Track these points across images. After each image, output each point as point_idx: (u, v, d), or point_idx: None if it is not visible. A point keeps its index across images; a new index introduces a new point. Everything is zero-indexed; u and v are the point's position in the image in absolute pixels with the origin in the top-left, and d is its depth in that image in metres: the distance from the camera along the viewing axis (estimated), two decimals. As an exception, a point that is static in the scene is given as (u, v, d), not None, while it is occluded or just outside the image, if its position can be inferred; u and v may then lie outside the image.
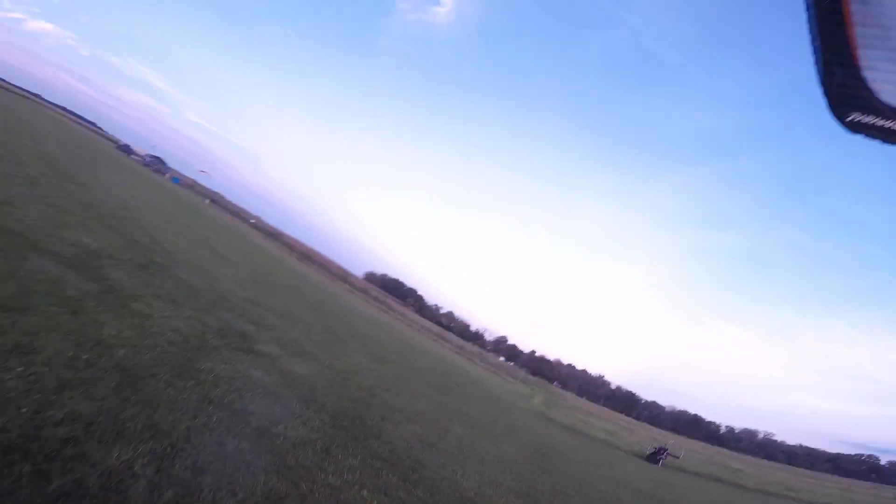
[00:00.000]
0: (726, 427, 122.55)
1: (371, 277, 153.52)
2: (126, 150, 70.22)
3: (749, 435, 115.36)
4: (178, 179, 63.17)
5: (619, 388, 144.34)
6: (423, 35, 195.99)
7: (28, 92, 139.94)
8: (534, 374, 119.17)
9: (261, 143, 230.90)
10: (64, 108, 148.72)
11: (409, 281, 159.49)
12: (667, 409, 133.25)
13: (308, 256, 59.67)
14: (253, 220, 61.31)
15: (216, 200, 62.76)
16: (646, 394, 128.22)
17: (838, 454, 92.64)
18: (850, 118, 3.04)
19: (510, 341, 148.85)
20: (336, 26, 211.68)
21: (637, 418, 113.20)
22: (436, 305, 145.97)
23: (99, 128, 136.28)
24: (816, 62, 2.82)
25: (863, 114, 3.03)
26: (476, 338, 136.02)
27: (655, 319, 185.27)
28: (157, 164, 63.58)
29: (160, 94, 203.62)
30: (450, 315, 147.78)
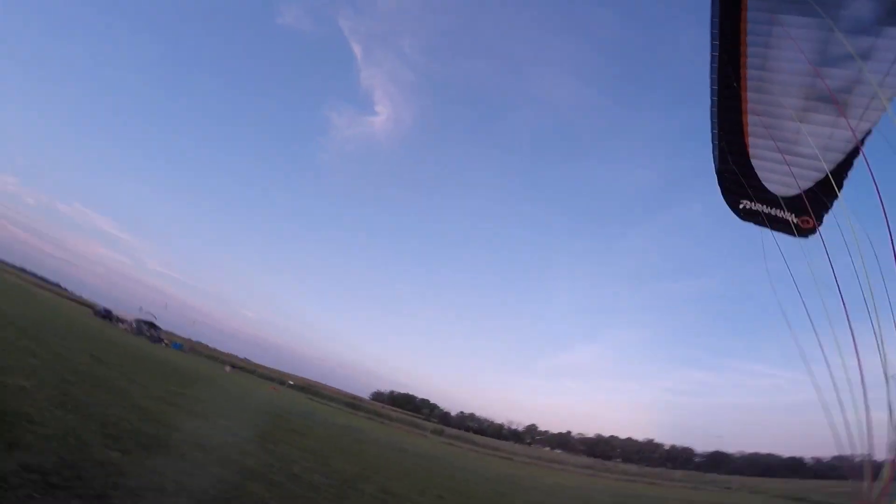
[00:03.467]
0: (811, 459, 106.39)
1: (379, 396, 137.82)
2: (107, 315, 56.21)
3: (843, 461, 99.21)
4: (179, 345, 49.36)
5: (673, 447, 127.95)
6: (364, 147, 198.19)
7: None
8: (590, 455, 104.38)
9: (225, 285, 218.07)
10: (23, 269, 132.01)
11: (417, 391, 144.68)
12: (736, 455, 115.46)
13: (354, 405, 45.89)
14: (291, 382, 47.71)
15: (237, 365, 48.98)
16: (701, 446, 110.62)
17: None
18: (741, 205, 7.10)
19: (540, 427, 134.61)
20: (275, 154, 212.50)
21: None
22: (461, 412, 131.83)
23: (64, 288, 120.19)
24: (713, 148, 6.73)
25: (751, 201, 6.95)
26: (515, 436, 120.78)
27: (667, 374, 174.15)
28: (149, 331, 49.90)
29: (116, 243, 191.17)
30: (472, 417, 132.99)
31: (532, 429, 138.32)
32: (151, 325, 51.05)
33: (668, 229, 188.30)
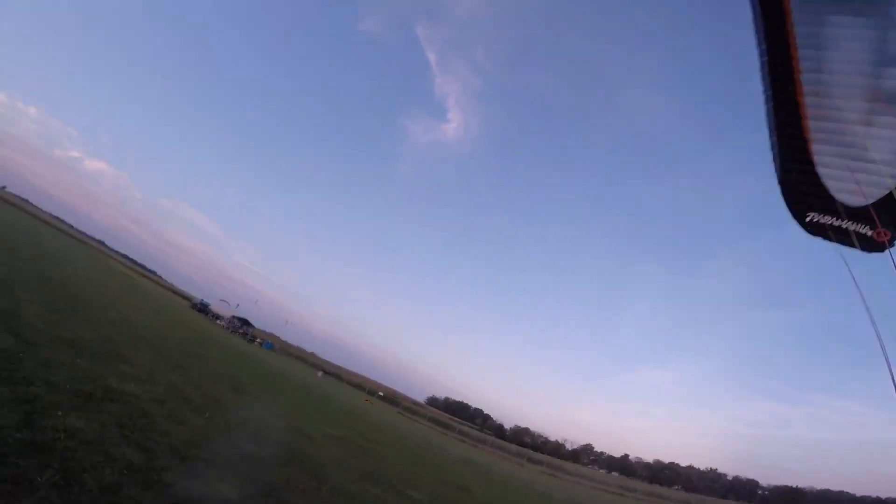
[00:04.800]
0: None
1: (434, 402, 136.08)
2: (203, 309, 57.50)
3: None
4: (270, 344, 49.22)
5: (737, 478, 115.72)
6: (437, 154, 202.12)
7: (93, 238, 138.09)
8: (651, 481, 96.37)
9: (305, 283, 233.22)
10: (126, 256, 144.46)
11: (469, 399, 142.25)
12: (806, 490, 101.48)
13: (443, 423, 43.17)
14: (381, 393, 46.13)
15: (329, 371, 48.13)
16: (765, 480, 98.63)
17: None
18: (808, 218, 6.39)
19: (596, 448, 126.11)
20: (359, 163, 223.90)
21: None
22: (516, 426, 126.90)
23: (159, 276, 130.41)
24: (773, 158, 6.12)
25: (819, 213, 6.22)
26: (575, 456, 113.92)
27: (737, 403, 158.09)
28: (243, 328, 50.13)
29: (208, 237, 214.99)
30: (527, 432, 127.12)
31: (587, 448, 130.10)
32: (245, 323, 51.63)
33: (756, 256, 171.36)
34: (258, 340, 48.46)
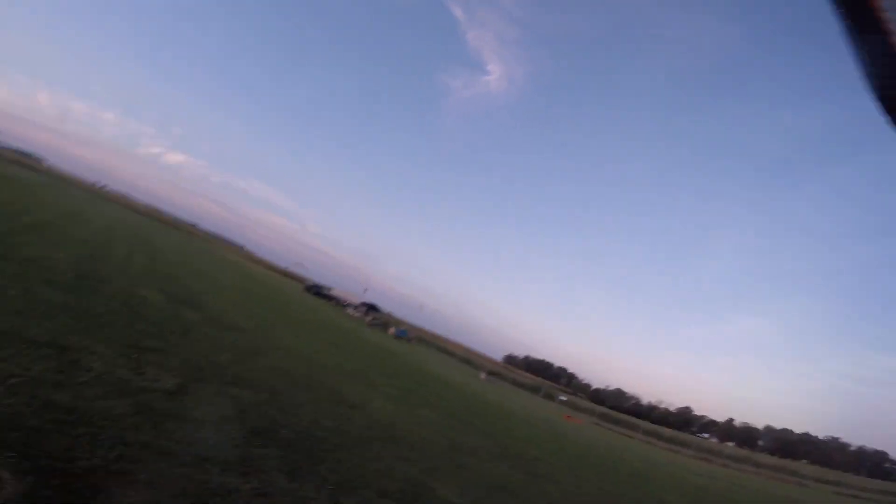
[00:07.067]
0: None
1: (512, 360, 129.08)
2: (318, 292, 52.50)
3: None
4: (404, 332, 43.50)
5: (862, 449, 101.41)
6: (481, 107, 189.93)
7: (185, 222, 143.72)
8: (782, 455, 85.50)
9: (369, 241, 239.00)
10: (216, 235, 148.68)
11: (547, 355, 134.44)
12: None
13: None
14: (564, 397, 39.38)
15: (495, 372, 41.86)
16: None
17: None
18: None
19: (695, 411, 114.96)
20: (405, 119, 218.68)
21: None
22: (607, 386, 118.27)
23: (246, 249, 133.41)
24: (854, 54, 2.60)
25: None
26: (685, 424, 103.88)
27: (847, 356, 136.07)
28: (370, 314, 44.66)
29: (282, 211, 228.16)
30: (620, 394, 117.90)
31: (686, 412, 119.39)
32: (372, 308, 46.39)
33: (868, 180, 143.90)
34: (392, 329, 43.10)
